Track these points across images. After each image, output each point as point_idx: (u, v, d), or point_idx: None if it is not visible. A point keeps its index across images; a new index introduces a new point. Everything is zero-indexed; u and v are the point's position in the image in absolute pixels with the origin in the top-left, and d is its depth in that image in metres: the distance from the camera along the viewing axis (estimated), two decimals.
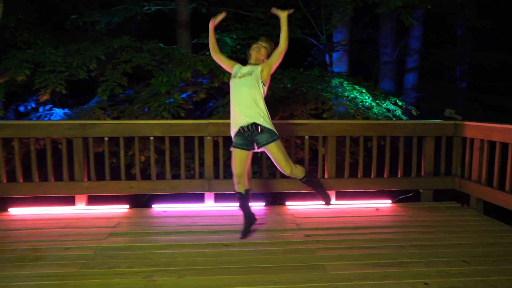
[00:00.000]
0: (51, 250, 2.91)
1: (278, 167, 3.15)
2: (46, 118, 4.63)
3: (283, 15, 3.01)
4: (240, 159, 3.08)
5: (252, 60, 3.13)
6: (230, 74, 4.17)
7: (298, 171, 3.21)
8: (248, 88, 2.99)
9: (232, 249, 2.96)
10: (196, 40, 6.15)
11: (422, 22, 9.24)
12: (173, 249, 2.96)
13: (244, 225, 3.22)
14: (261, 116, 3.00)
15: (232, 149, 3.11)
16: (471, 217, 3.78)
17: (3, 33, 4.49)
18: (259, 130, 3.00)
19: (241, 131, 3.03)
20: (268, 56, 3.10)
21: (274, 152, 3.05)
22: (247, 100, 2.98)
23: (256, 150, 3.10)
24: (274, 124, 3.09)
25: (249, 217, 3.24)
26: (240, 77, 3.04)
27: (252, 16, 6.24)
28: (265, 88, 3.07)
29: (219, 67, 4.22)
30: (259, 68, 3.05)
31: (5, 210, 3.92)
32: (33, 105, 4.57)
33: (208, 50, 5.75)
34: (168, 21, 7.98)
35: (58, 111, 4.61)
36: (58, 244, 3.04)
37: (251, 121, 2.99)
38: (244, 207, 3.21)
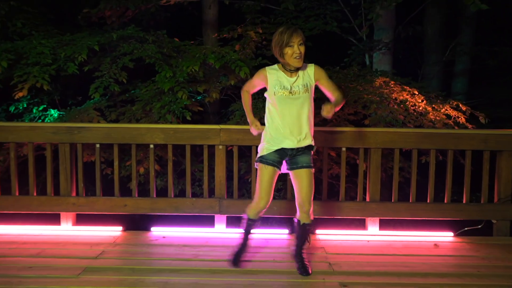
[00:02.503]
0: None
1: (301, 199, 2.51)
2: (40, 120, 4.03)
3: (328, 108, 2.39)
4: (270, 179, 2.49)
5: (297, 63, 2.40)
6: (246, 67, 3.43)
7: (310, 216, 2.58)
8: (304, 107, 2.46)
9: None
10: (216, 34, 5.42)
11: (476, 20, 8.14)
12: None
13: (237, 252, 2.67)
14: (312, 138, 2.54)
15: (259, 165, 2.51)
16: None
17: None
18: (306, 150, 2.52)
19: (284, 150, 2.49)
20: None
21: (308, 179, 2.49)
22: (300, 121, 2.47)
23: (282, 171, 2.56)
24: None
25: (246, 246, 2.69)
26: (294, 93, 2.44)
27: (281, 8, 5.45)
28: None
29: (236, 60, 3.44)
30: (312, 77, 2.49)
31: None
32: (25, 105, 3.97)
33: (225, 44, 5.10)
34: (194, 19, 7.38)
35: (53, 113, 3.99)
36: (15, 282, 2.34)
37: (303, 144, 2.49)
38: (247, 235, 2.68)
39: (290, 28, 2.39)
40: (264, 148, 2.50)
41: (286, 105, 2.42)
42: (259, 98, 3.75)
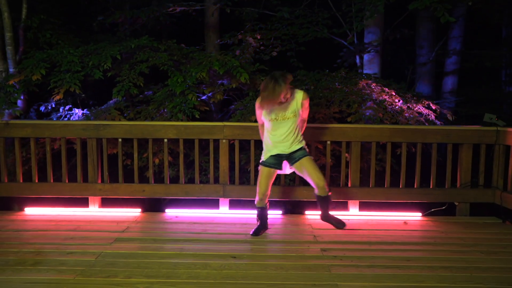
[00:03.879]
0: (52, 254, 2.81)
1: (312, 181, 3.18)
2: (66, 119, 4.62)
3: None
4: (269, 177, 3.21)
5: (281, 99, 3.03)
6: (246, 73, 4.03)
7: (327, 186, 3.25)
8: (290, 126, 3.12)
9: (239, 262, 2.73)
10: (218, 40, 5.99)
11: (463, 21, 8.64)
12: (177, 259, 2.77)
13: (257, 229, 3.32)
14: (299, 142, 3.21)
15: (261, 167, 3.23)
16: None
17: (26, 34, 4.52)
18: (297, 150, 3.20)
19: (279, 154, 3.19)
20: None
21: (309, 163, 3.16)
22: (289, 137, 3.14)
23: (284, 171, 3.27)
24: None
25: (264, 224, 3.37)
26: (285, 119, 3.11)
27: (277, 16, 6.01)
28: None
29: (237, 67, 4.03)
30: (300, 102, 3.11)
31: (22, 209, 3.91)
32: (54, 105, 4.57)
33: (230, 50, 5.68)
34: (196, 24, 7.93)
35: (78, 112, 4.58)
36: (61, 248, 2.94)
37: (294, 149, 3.18)
38: (263, 216, 3.37)
39: (268, 89, 2.97)
40: (263, 155, 3.24)
41: (278, 128, 3.11)
42: None
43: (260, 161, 3.26)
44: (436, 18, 8.22)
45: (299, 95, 3.11)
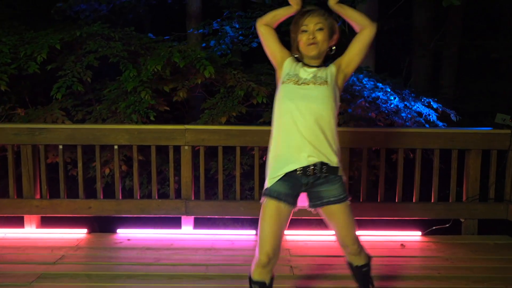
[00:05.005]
0: None
1: (340, 240, 1.89)
2: (8, 120, 3.93)
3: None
4: (279, 219, 1.74)
5: (313, 52, 1.81)
6: (211, 67, 3.34)
7: (364, 252, 1.96)
8: (320, 105, 1.75)
9: None
10: (191, 30, 5.33)
11: (463, 11, 8.05)
12: None
13: None
14: (335, 153, 1.78)
15: (264, 200, 1.78)
16: None
17: None
18: (330, 173, 1.77)
19: (295, 174, 1.75)
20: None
21: (345, 216, 1.81)
22: (313, 126, 1.74)
23: (303, 206, 1.86)
24: (268, 132, 1.94)
25: None
26: (303, 84, 1.79)
27: (258, 2, 5.35)
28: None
29: (201, 59, 3.37)
30: (333, 69, 1.85)
31: None
32: None
33: (205, 42, 5.01)
34: (179, 14, 7.26)
35: (20, 112, 3.90)
36: None
37: (319, 159, 1.74)
38: None
39: (308, 9, 1.85)
40: (267, 176, 1.81)
41: (292, 103, 1.76)
42: None
43: (264, 189, 1.81)
44: (434, 6, 7.65)
45: (335, 64, 1.88)
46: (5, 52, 3.25)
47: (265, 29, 1.94)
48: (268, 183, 1.78)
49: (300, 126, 1.74)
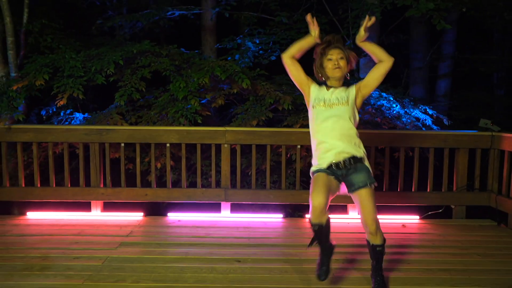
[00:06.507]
0: (59, 259, 2.85)
1: (363, 220, 2.38)
2: (67, 123, 4.63)
3: (362, 34, 2.36)
4: (329, 184, 2.28)
5: (338, 74, 2.35)
6: (247, 79, 4.06)
7: (380, 234, 2.42)
8: (342, 121, 2.33)
9: (244, 266, 2.79)
10: (218, 45, 6.05)
11: (456, 26, 8.79)
12: (183, 263, 2.82)
13: (319, 263, 2.39)
14: (359, 149, 2.38)
15: (314, 175, 2.35)
16: (509, 239, 3.44)
17: (27, 38, 4.53)
18: (357, 164, 2.35)
19: (332, 168, 2.34)
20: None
21: (368, 199, 2.34)
22: (340, 134, 2.34)
23: (345, 193, 2.43)
24: (293, 133, 2.62)
25: (328, 250, 2.42)
26: (328, 106, 2.35)
27: (276, 21, 6.08)
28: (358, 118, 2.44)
29: (238, 73, 4.09)
30: (353, 91, 2.39)
31: (24, 214, 3.92)
32: (54, 109, 4.58)
33: (229, 55, 5.73)
34: (194, 26, 7.98)
35: (79, 116, 4.61)
36: (67, 252, 2.97)
37: (348, 155, 2.34)
38: (321, 244, 2.40)
39: (329, 39, 2.35)
40: (314, 164, 2.43)
41: (322, 121, 2.34)
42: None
43: (311, 172, 2.42)
44: (429, 23, 8.40)
45: (353, 86, 2.41)
46: (78, 67, 3.95)
47: (291, 61, 2.42)
48: (315, 167, 2.39)
49: (332, 136, 2.34)
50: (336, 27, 6.64)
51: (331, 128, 2.34)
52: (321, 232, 2.33)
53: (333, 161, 2.33)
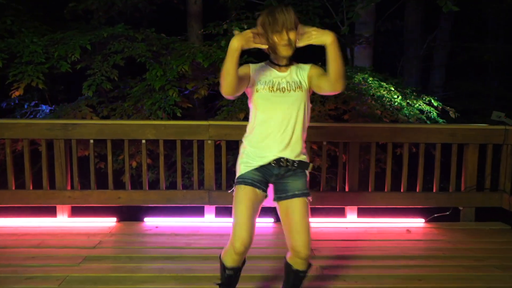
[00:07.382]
0: (8, 281, 2.39)
1: (293, 242, 1.81)
2: (32, 116, 4.14)
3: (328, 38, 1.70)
4: (252, 204, 1.78)
5: (285, 52, 1.81)
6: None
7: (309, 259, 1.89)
8: (295, 110, 1.83)
9: None
10: (202, 30, 5.55)
11: (453, 14, 8.44)
12: (155, 284, 2.39)
13: None
14: (305, 151, 1.93)
15: (236, 187, 1.85)
16: None
17: None
18: (300, 170, 1.88)
19: (272, 165, 1.84)
20: None
21: (302, 212, 1.81)
22: (288, 127, 1.83)
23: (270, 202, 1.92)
24: None
25: None
26: (278, 90, 1.83)
27: (265, 4, 5.60)
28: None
29: (223, 59, 3.62)
30: (306, 74, 1.88)
31: None
32: (17, 101, 4.08)
33: (215, 41, 5.24)
34: (179, 12, 7.46)
35: (45, 108, 4.11)
36: (20, 271, 2.51)
37: (295, 157, 1.86)
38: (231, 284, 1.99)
39: (277, 9, 1.75)
40: (239, 166, 1.90)
41: (270, 108, 1.83)
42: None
43: (236, 178, 1.90)
44: (425, 9, 8.00)
45: (307, 65, 1.93)
46: (39, 52, 3.44)
47: (235, 90, 1.79)
48: (241, 171, 1.86)
49: (277, 127, 1.81)
50: (329, 11, 6.20)
51: (277, 117, 1.83)
52: (236, 277, 1.93)
53: (279, 157, 1.82)
